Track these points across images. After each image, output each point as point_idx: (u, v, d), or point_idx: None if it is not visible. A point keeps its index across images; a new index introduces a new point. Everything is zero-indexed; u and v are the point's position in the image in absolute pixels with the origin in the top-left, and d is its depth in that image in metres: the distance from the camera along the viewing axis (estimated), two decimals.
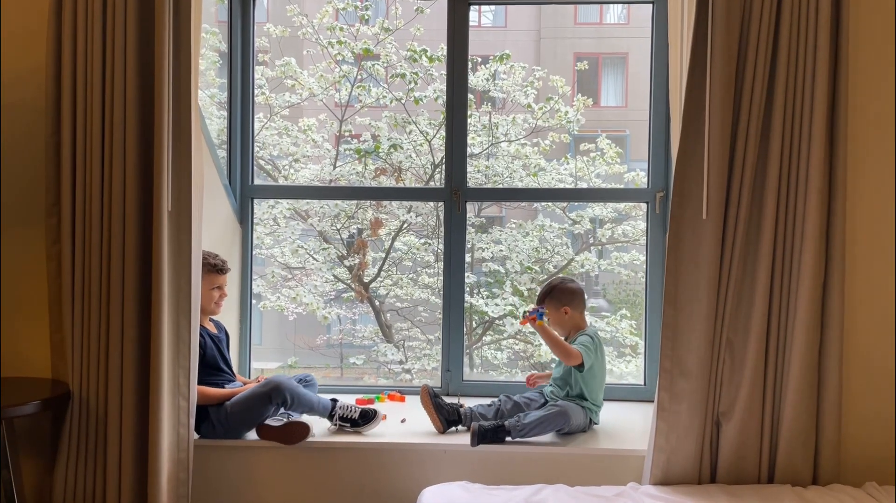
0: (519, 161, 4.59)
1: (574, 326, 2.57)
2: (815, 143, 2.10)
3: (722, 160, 2.10)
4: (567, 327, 2.58)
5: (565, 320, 2.56)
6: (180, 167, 2.16)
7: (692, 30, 2.10)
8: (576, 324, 2.57)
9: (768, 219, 2.12)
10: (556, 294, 2.57)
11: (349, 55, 4.53)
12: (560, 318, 2.56)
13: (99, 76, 2.15)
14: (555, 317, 2.56)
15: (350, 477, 2.35)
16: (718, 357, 2.17)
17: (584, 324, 2.59)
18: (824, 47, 2.09)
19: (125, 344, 2.16)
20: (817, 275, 2.11)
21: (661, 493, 2.07)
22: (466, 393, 2.87)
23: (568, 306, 2.56)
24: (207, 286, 2.42)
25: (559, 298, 2.56)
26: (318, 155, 4.66)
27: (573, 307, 2.57)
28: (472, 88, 4.66)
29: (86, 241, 2.17)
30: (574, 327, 2.57)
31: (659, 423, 2.18)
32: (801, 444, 2.15)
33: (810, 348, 2.13)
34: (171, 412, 2.18)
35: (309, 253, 4.62)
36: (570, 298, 2.56)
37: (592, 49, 7.70)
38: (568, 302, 2.56)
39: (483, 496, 2.03)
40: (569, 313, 2.56)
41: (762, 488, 2.12)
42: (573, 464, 2.31)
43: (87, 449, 2.19)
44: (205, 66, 3.16)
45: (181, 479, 2.21)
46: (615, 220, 4.60)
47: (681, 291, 2.15)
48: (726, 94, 2.09)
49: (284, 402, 2.32)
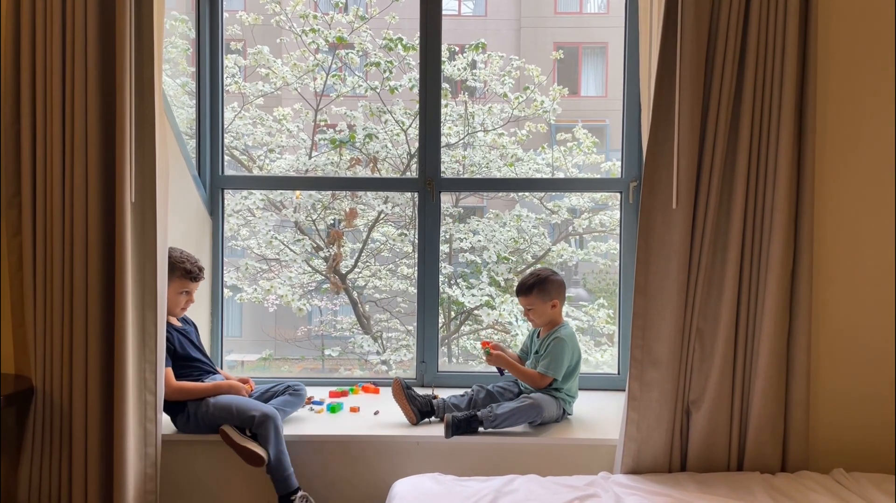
0: (496, 151, 4.57)
1: (552, 320, 2.56)
2: (784, 132, 2.11)
3: (692, 149, 2.10)
4: (547, 319, 2.56)
5: (549, 313, 2.54)
6: (144, 157, 2.12)
7: (662, 19, 2.10)
8: (555, 318, 2.56)
9: (738, 207, 2.13)
10: (547, 287, 2.52)
11: (323, 44, 4.48)
12: (546, 311, 2.54)
13: (59, 64, 2.09)
14: (541, 309, 2.53)
15: (322, 469, 2.33)
16: (688, 346, 2.18)
17: (561, 318, 2.58)
18: (793, 36, 2.09)
19: (89, 338, 2.12)
20: (786, 263, 2.13)
21: (632, 482, 2.08)
22: (442, 384, 2.86)
23: (556, 299, 2.54)
24: (176, 289, 2.37)
25: (549, 291, 2.53)
26: (294, 145, 4.61)
27: (560, 301, 2.56)
28: (450, 78, 4.63)
29: (47, 233, 2.12)
30: (553, 321, 2.56)
31: (630, 413, 2.18)
32: (770, 432, 2.17)
33: (779, 336, 2.14)
34: (138, 407, 2.14)
35: (284, 244, 4.58)
36: (558, 292, 2.54)
37: (573, 38, 7.70)
38: (557, 295, 2.54)
39: (455, 487, 2.02)
40: (556, 306, 2.55)
41: (731, 476, 2.13)
42: (546, 455, 2.31)
43: (51, 445, 2.15)
44: (175, 55, 3.09)
45: (149, 475, 2.18)
46: (592, 209, 4.62)
47: (651, 280, 2.16)
48: (696, 83, 2.09)
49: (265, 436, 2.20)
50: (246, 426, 2.22)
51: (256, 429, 2.21)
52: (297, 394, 2.47)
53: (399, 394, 2.43)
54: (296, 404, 2.47)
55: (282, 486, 2.21)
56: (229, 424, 2.23)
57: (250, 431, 2.22)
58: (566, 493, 1.97)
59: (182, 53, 3.19)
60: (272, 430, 2.20)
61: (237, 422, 2.23)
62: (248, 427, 2.22)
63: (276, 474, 2.21)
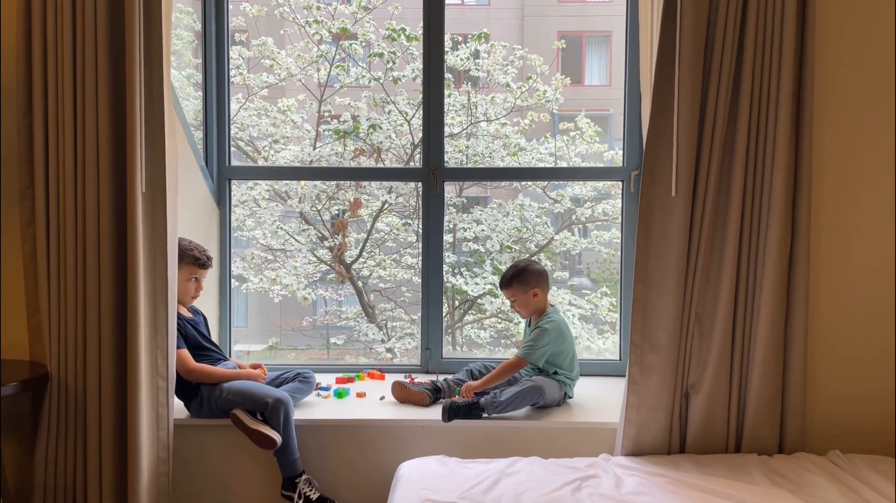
0: (499, 141, 4.60)
1: (539, 309, 2.60)
2: (781, 120, 2.14)
3: (691, 138, 2.13)
4: (532, 309, 2.59)
5: (532, 302, 2.58)
6: (154, 148, 2.16)
7: (661, 9, 2.12)
8: (541, 306, 2.60)
9: (736, 195, 2.16)
10: (525, 277, 2.56)
11: (327, 35, 4.50)
12: (528, 300, 2.57)
13: (70, 57, 2.13)
14: (523, 299, 2.57)
15: (330, 453, 2.39)
16: (687, 331, 2.22)
17: (547, 306, 2.61)
18: (791, 25, 2.11)
19: (102, 325, 2.17)
20: (783, 250, 2.16)
21: (632, 464, 2.13)
22: (446, 370, 2.91)
23: (537, 288, 2.57)
24: (186, 276, 2.42)
25: (527, 281, 2.56)
26: (298, 136, 4.65)
27: (542, 289, 2.59)
28: (454, 68, 4.65)
29: (60, 222, 2.17)
30: (539, 310, 2.60)
31: (630, 397, 2.23)
32: (768, 415, 2.22)
33: (776, 322, 2.18)
34: (150, 392, 2.20)
35: (290, 234, 4.62)
36: (538, 280, 2.57)
37: (576, 27, 7.67)
38: (536, 283, 2.57)
39: (459, 469, 2.07)
40: (538, 295, 2.58)
41: (730, 457, 2.18)
42: (548, 438, 2.36)
43: (66, 429, 2.21)
44: (180, 47, 3.13)
45: (161, 458, 2.24)
46: (595, 198, 4.64)
47: (651, 268, 2.20)
48: (695, 72, 2.11)
49: (276, 420, 2.25)
50: (258, 410, 2.28)
51: (269, 414, 2.26)
52: (306, 381, 2.53)
53: (402, 391, 2.50)
54: (305, 391, 2.53)
55: (287, 469, 2.27)
56: (240, 408, 2.29)
57: (261, 415, 2.27)
58: (567, 474, 2.02)
59: (187, 45, 3.22)
60: (283, 415, 2.25)
61: (250, 406, 2.28)
62: (261, 411, 2.27)
63: (283, 458, 2.27)
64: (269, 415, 2.26)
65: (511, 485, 1.95)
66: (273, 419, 2.25)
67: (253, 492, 2.39)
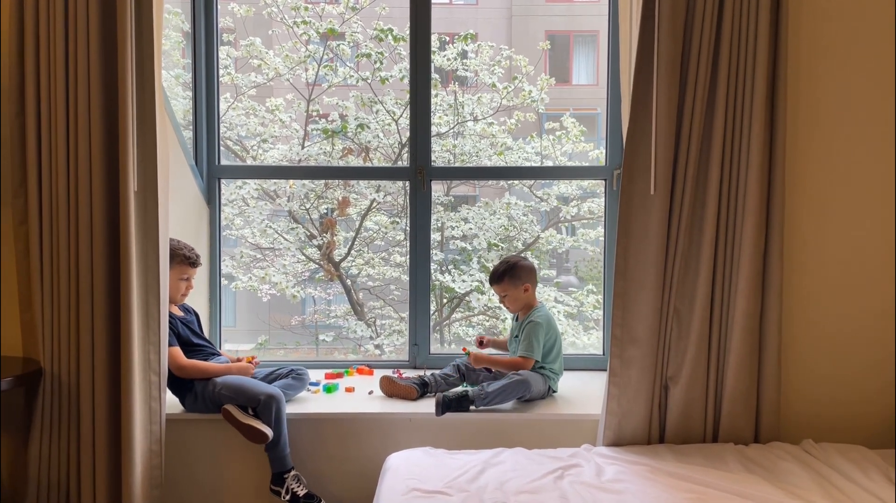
0: (486, 140, 4.65)
1: (527, 304, 2.66)
2: (756, 120, 2.21)
3: (669, 137, 2.20)
4: (521, 304, 2.66)
5: (522, 297, 2.64)
6: (145, 147, 2.20)
7: (640, 10, 2.19)
8: (530, 301, 2.66)
9: (712, 192, 2.23)
10: (517, 272, 2.63)
11: (315, 35, 4.54)
12: (519, 296, 2.64)
13: (62, 56, 2.16)
14: (514, 294, 2.64)
15: (320, 446, 2.44)
16: (666, 325, 2.28)
17: (535, 302, 2.68)
18: (765, 28, 2.18)
19: (95, 321, 2.21)
20: (758, 245, 2.23)
21: (613, 454, 2.19)
22: (434, 366, 2.97)
23: (528, 283, 2.64)
24: (176, 276, 2.46)
25: (520, 276, 2.63)
26: (287, 135, 4.68)
27: (532, 285, 2.66)
28: (441, 68, 4.70)
29: (53, 221, 2.21)
30: (527, 305, 2.66)
31: (611, 388, 2.29)
32: (743, 406, 2.29)
33: (751, 315, 2.25)
34: (143, 386, 2.24)
35: (279, 233, 4.65)
36: (528, 276, 2.64)
37: (564, 27, 7.73)
38: (527, 279, 2.64)
39: (445, 460, 2.13)
40: (528, 290, 2.64)
41: (707, 447, 2.25)
42: (532, 429, 2.43)
43: (60, 424, 2.25)
44: (169, 47, 3.16)
45: (154, 451, 2.27)
46: (580, 197, 4.70)
47: (630, 263, 2.26)
48: (672, 73, 2.18)
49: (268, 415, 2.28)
50: (250, 405, 2.31)
51: (261, 410, 2.29)
52: (299, 378, 2.57)
53: (390, 385, 2.55)
54: (298, 388, 2.56)
55: (277, 465, 2.32)
56: (233, 403, 2.33)
57: (252, 410, 2.31)
58: (550, 464, 2.08)
59: (176, 45, 3.25)
60: (275, 411, 2.29)
61: (243, 401, 2.32)
62: (253, 406, 2.31)
63: (274, 453, 2.31)
64: (261, 410, 2.29)
65: (496, 474, 2.01)
66: (265, 415, 2.29)
67: (243, 485, 2.43)
